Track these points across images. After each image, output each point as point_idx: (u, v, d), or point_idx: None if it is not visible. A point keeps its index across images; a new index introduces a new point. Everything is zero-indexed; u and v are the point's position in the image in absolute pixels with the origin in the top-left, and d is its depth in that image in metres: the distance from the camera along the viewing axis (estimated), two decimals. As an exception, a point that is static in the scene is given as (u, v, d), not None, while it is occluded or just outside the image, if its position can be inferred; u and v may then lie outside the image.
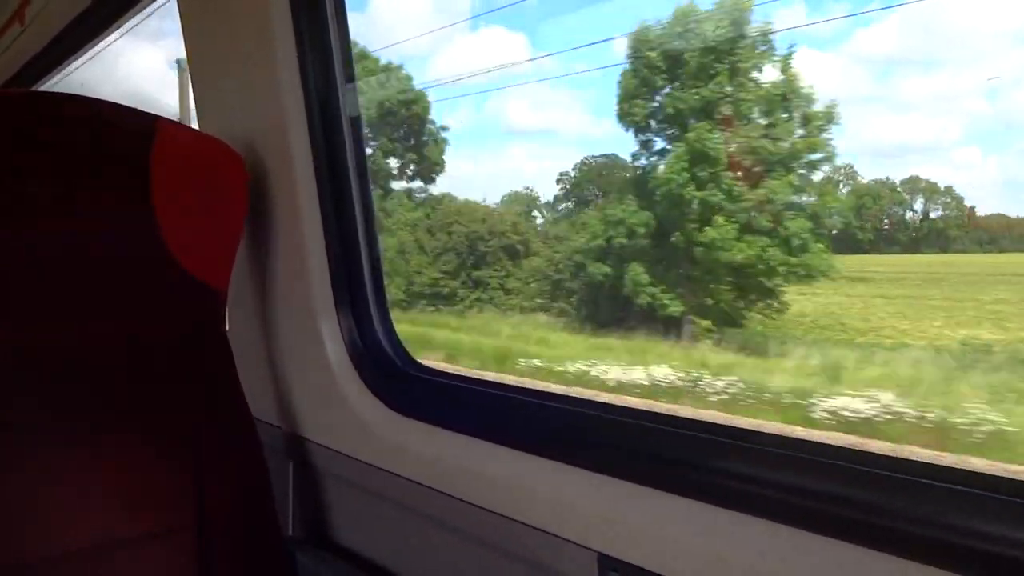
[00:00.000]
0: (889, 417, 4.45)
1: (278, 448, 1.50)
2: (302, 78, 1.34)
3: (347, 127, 1.37)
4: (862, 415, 4.56)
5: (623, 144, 9.28)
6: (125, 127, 1.18)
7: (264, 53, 1.34)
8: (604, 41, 9.41)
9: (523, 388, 1.21)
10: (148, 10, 1.89)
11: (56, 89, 2.63)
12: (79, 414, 1.12)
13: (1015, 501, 0.66)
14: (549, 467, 1.02)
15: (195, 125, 1.57)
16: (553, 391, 1.19)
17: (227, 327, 1.38)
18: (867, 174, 7.46)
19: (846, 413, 4.64)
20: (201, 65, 1.54)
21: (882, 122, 7.70)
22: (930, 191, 7.34)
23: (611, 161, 9.36)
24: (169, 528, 1.16)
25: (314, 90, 1.34)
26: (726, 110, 6.57)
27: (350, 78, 1.37)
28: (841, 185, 7.27)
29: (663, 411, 1.00)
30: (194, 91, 1.55)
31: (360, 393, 1.34)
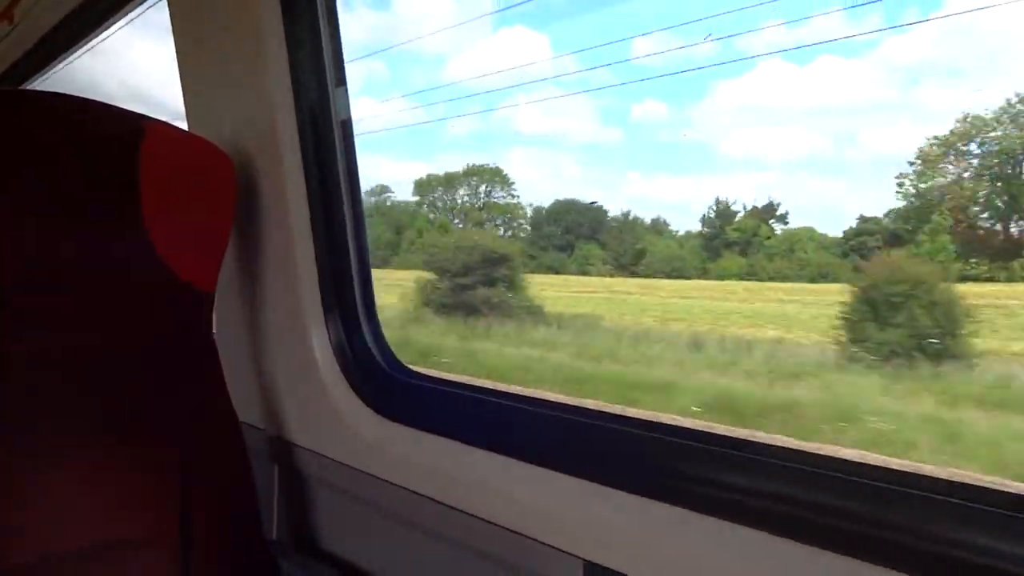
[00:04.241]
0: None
1: (263, 452, 1.49)
2: (293, 80, 1.33)
3: (338, 130, 1.36)
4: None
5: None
6: (113, 127, 1.17)
7: (254, 54, 1.33)
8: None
9: (511, 394, 1.21)
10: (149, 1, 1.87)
11: (51, 84, 2.61)
12: (64, 418, 1.11)
13: (1005, 513, 0.66)
14: (536, 473, 1.01)
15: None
16: (543, 397, 1.18)
17: (214, 329, 1.37)
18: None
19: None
20: (191, 65, 1.53)
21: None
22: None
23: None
24: (153, 531, 1.14)
25: (305, 92, 1.34)
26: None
27: (341, 81, 1.37)
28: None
29: (652, 419, 1.00)
30: (183, 91, 1.54)
31: (347, 397, 1.33)
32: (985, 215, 3.45)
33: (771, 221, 4.85)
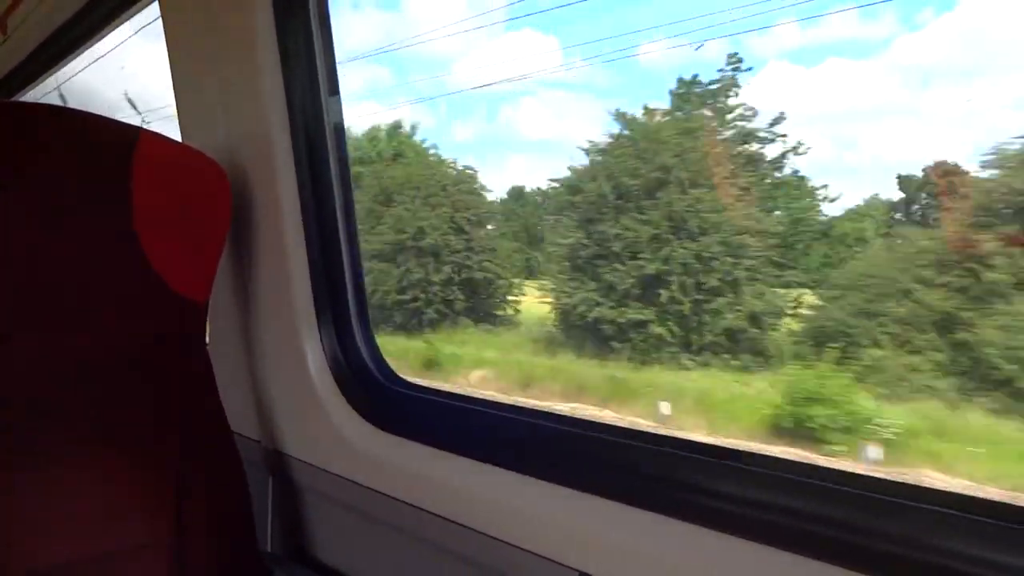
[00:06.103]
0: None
1: (258, 463, 1.48)
2: (286, 90, 1.33)
3: (331, 140, 1.36)
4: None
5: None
6: (106, 138, 1.17)
7: (248, 64, 1.33)
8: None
9: (506, 405, 1.20)
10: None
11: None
12: (56, 427, 1.10)
13: (992, 522, 0.66)
14: (531, 484, 1.01)
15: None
16: (536, 408, 1.18)
17: (208, 340, 1.36)
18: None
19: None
20: (184, 76, 1.53)
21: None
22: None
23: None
24: (146, 542, 1.14)
25: (298, 102, 1.34)
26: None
27: (334, 90, 1.37)
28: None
29: (646, 429, 1.00)
30: (177, 101, 1.54)
31: (341, 408, 1.32)
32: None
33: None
